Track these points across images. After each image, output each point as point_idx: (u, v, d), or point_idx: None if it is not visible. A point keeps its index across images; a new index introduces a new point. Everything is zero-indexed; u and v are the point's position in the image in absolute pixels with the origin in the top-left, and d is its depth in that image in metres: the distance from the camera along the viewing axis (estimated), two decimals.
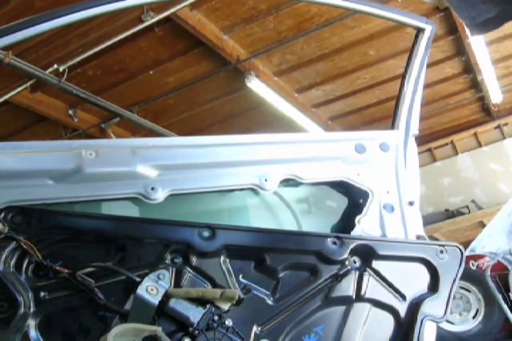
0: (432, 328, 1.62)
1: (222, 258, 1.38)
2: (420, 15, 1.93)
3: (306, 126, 6.11)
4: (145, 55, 4.88)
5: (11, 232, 1.20)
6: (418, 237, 1.66)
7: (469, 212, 6.62)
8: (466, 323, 4.58)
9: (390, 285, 1.55)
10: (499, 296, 4.21)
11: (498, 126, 7.19)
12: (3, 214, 1.20)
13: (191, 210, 1.64)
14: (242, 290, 1.36)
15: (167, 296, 1.26)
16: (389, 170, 1.71)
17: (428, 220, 6.07)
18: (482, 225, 6.04)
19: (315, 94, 6.08)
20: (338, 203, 1.80)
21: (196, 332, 1.25)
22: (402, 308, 1.54)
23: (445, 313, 1.55)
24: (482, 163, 7.04)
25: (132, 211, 1.42)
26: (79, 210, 1.38)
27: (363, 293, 1.52)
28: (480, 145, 7.13)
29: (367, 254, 1.54)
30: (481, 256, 4.59)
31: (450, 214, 6.58)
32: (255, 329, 1.37)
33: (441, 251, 1.60)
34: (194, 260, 1.35)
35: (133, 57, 4.89)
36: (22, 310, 1.17)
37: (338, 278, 1.50)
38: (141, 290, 1.24)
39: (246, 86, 5.26)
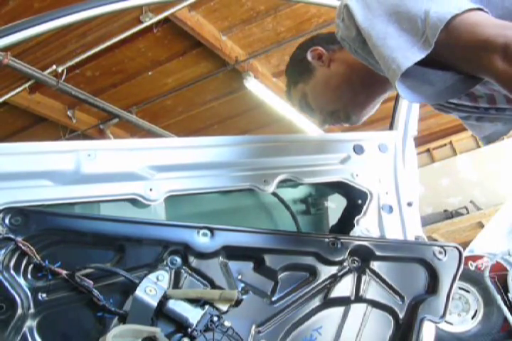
0: (431, 329, 1.62)
1: (221, 259, 1.38)
2: None
3: (305, 127, 6.11)
4: (144, 55, 4.89)
5: (9, 233, 1.19)
6: (417, 238, 1.67)
7: (468, 212, 6.63)
8: (465, 324, 4.58)
9: (389, 286, 1.55)
10: (498, 297, 4.21)
11: None
12: (1, 215, 1.20)
13: (190, 211, 1.64)
14: (240, 291, 1.36)
15: (166, 297, 1.26)
16: (388, 171, 1.71)
17: (427, 221, 6.07)
18: (481, 226, 6.05)
19: None
20: (337, 204, 1.80)
21: (195, 332, 1.25)
22: (400, 309, 1.54)
23: (444, 314, 1.55)
24: (481, 164, 7.04)
25: (131, 212, 1.42)
26: (77, 211, 1.38)
27: (361, 293, 1.52)
28: (479, 145, 7.13)
29: (366, 255, 1.54)
30: (479, 257, 4.61)
31: (449, 215, 6.58)
32: (254, 329, 1.37)
33: (440, 252, 1.60)
34: (193, 261, 1.34)
35: (131, 58, 4.89)
36: (20, 311, 1.17)
37: (336, 278, 1.50)
38: (139, 291, 1.24)
39: (245, 87, 5.26)
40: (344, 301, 1.51)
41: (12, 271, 1.19)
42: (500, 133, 1.38)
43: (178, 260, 1.34)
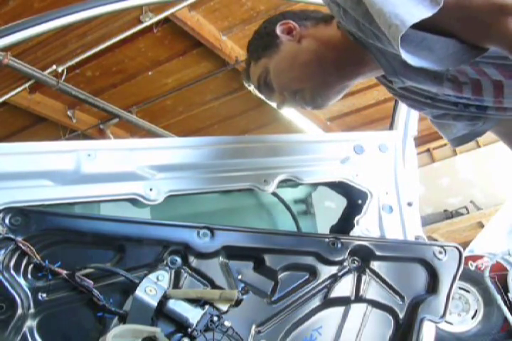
0: (431, 329, 1.62)
1: (221, 259, 1.38)
2: None
3: (304, 126, 6.11)
4: (144, 55, 4.88)
5: (9, 233, 1.19)
6: (417, 238, 1.67)
7: (468, 212, 6.63)
8: (465, 324, 4.58)
9: (389, 285, 1.55)
10: (498, 297, 4.21)
11: None
12: (1, 215, 1.20)
13: (190, 211, 1.64)
14: (240, 291, 1.36)
15: (166, 297, 1.26)
16: (388, 171, 1.71)
17: (427, 221, 6.07)
18: (481, 226, 6.05)
19: None
20: (337, 204, 1.80)
21: (195, 332, 1.25)
22: (400, 309, 1.54)
23: (444, 314, 1.55)
24: (481, 164, 7.04)
25: (131, 212, 1.42)
26: (77, 211, 1.38)
27: (361, 293, 1.52)
28: (478, 145, 7.12)
29: (366, 255, 1.54)
30: (479, 257, 4.61)
31: (449, 215, 6.58)
32: (254, 329, 1.37)
33: (440, 252, 1.60)
34: (193, 261, 1.35)
35: (132, 58, 4.89)
36: (21, 311, 1.17)
37: (337, 278, 1.50)
38: (140, 291, 1.24)
39: (245, 87, 5.25)
40: (344, 301, 1.51)
41: (12, 271, 1.20)
42: (475, 135, 1.33)
43: (178, 260, 1.34)
